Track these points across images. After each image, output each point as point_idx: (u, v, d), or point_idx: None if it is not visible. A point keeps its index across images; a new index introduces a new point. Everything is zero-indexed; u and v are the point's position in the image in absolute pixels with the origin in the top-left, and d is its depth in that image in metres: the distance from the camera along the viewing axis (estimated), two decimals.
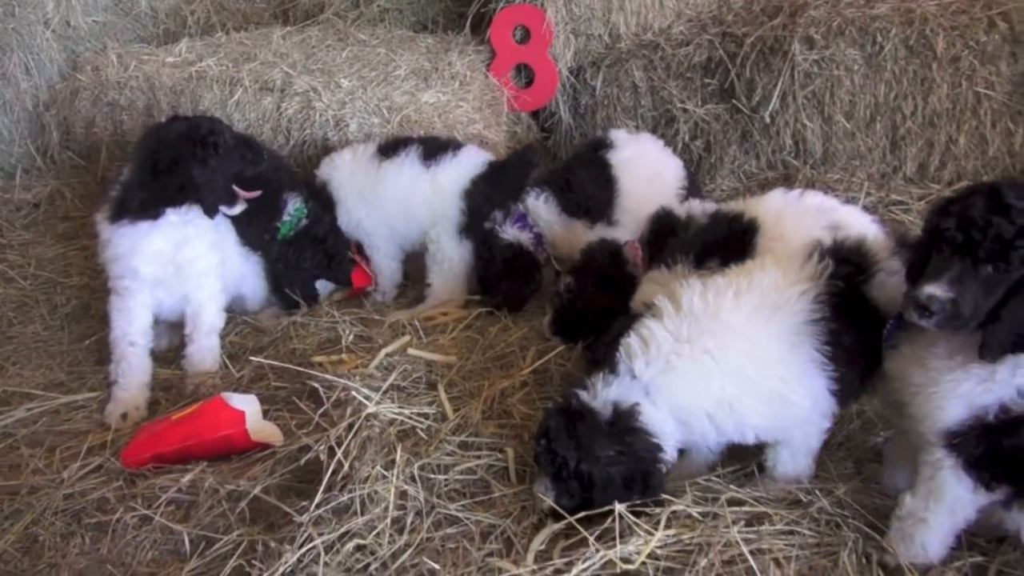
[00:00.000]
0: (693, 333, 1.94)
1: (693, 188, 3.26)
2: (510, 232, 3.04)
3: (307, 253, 3.13)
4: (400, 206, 3.12)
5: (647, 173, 3.13)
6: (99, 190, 4.05)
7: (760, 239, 2.28)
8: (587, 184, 3.08)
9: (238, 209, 2.90)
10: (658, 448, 1.94)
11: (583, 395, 1.98)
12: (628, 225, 3.02)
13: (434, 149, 3.10)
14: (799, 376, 1.93)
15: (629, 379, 1.96)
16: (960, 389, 1.71)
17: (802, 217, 2.30)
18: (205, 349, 2.88)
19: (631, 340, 1.99)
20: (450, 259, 3.10)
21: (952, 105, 3.65)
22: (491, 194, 3.06)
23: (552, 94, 4.08)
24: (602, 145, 3.20)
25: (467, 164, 3.08)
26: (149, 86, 3.84)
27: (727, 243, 2.33)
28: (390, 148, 3.16)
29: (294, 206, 3.14)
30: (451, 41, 4.13)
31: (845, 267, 1.97)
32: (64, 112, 4.06)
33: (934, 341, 1.77)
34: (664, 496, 2.00)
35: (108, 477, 2.37)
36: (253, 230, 3.06)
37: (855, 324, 1.94)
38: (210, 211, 2.79)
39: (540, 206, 3.06)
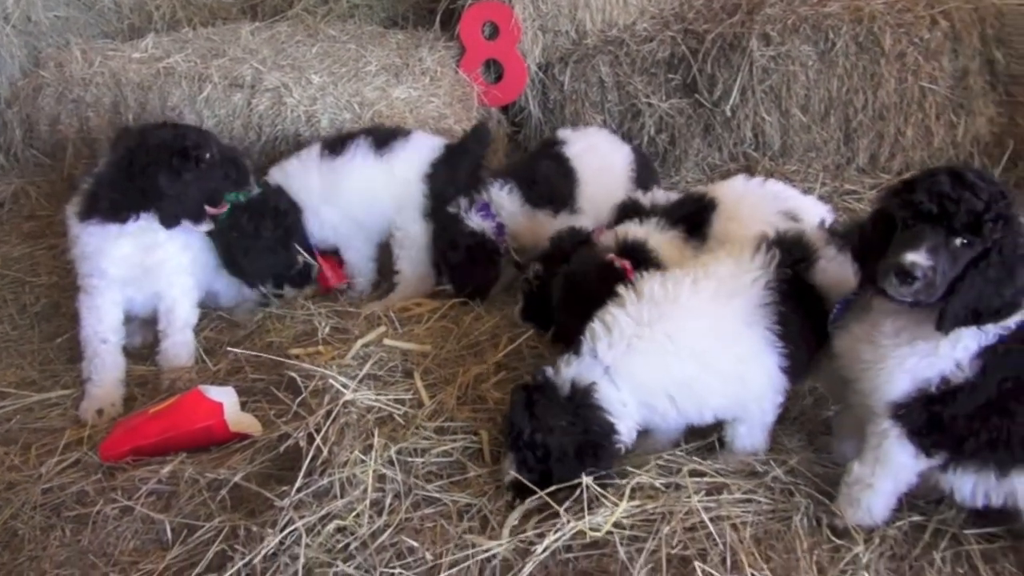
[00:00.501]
0: (654, 317, 2.05)
1: (644, 170, 3.40)
2: (474, 220, 3.09)
3: (266, 223, 3.03)
4: (363, 199, 3.15)
5: (600, 162, 3.26)
6: (65, 188, 4.03)
7: (716, 217, 2.41)
8: (550, 176, 3.17)
9: (204, 227, 2.87)
10: (611, 427, 2.05)
11: (548, 371, 2.11)
12: (588, 212, 3.16)
13: (384, 138, 3.14)
14: (753, 355, 2.06)
15: (591, 359, 2.07)
16: (907, 364, 1.83)
17: (759, 202, 2.43)
18: (180, 344, 2.90)
19: (595, 324, 2.10)
20: (418, 245, 3.16)
21: (900, 99, 3.83)
22: (452, 175, 3.13)
23: (521, 89, 4.17)
24: (555, 143, 3.31)
25: (424, 149, 3.14)
26: (115, 82, 3.82)
27: (688, 219, 2.48)
28: (337, 145, 3.17)
29: None
30: (421, 37, 4.18)
31: (790, 256, 2.12)
32: (27, 109, 4.01)
33: (881, 320, 1.89)
34: (629, 469, 2.12)
35: (86, 471, 2.39)
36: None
37: (801, 307, 2.09)
38: (167, 222, 2.75)
39: (504, 197, 3.12)
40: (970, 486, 1.94)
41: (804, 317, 2.09)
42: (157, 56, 3.90)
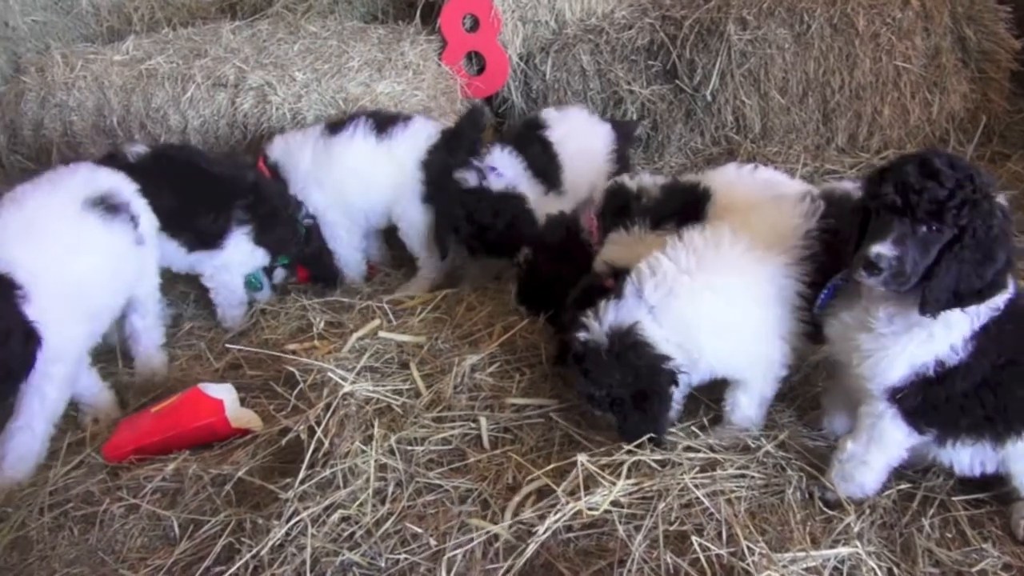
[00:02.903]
0: (696, 265, 2.15)
1: (624, 142, 3.49)
2: (498, 182, 3.06)
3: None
4: (358, 183, 3.19)
5: (581, 146, 3.32)
6: None
7: (711, 207, 2.47)
8: (538, 159, 3.23)
9: None
10: (661, 358, 2.15)
11: (581, 335, 2.21)
12: (571, 194, 3.24)
13: (384, 122, 3.18)
14: (779, 316, 2.19)
15: (634, 300, 2.18)
16: (907, 351, 1.90)
17: (751, 189, 2.48)
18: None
19: (642, 266, 2.22)
20: (423, 227, 3.20)
21: (875, 78, 3.90)
22: (449, 160, 3.16)
23: (504, 80, 4.20)
24: (537, 125, 3.34)
25: (422, 134, 3.17)
26: (98, 85, 3.79)
27: (682, 209, 2.52)
28: (338, 126, 3.21)
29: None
30: (402, 31, 4.18)
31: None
32: (10, 115, 3.97)
33: (872, 307, 1.94)
34: (623, 447, 2.18)
35: (91, 471, 2.43)
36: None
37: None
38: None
39: (506, 158, 3.15)
40: (967, 459, 2.02)
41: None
42: (139, 58, 3.88)
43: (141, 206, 2.84)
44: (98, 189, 2.69)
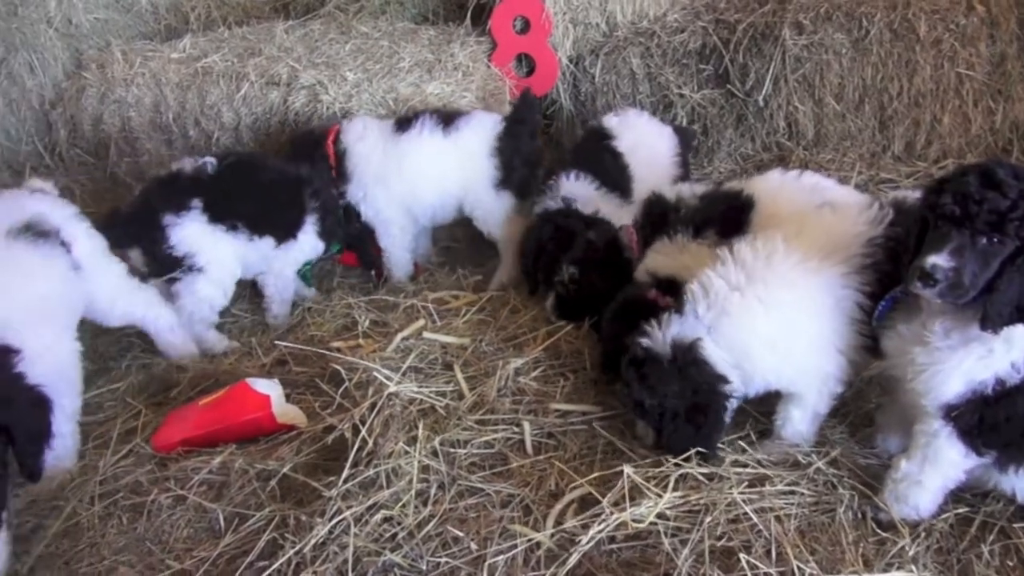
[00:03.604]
0: (745, 280, 2.11)
1: (686, 148, 3.47)
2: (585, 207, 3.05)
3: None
4: (430, 179, 3.24)
5: (649, 152, 3.31)
6: (108, 186, 4.14)
7: (755, 215, 2.41)
8: (611, 169, 3.22)
9: None
10: (720, 378, 2.11)
11: (643, 342, 2.18)
12: (638, 201, 3.14)
13: (449, 116, 3.23)
14: (835, 329, 2.12)
15: (693, 319, 2.14)
16: (962, 366, 1.83)
17: (797, 195, 2.42)
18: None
19: (694, 286, 2.18)
20: (498, 216, 3.27)
21: (936, 86, 3.78)
22: (517, 145, 3.22)
23: (553, 82, 4.19)
24: (603, 135, 3.32)
25: (487, 123, 3.23)
26: (156, 82, 3.90)
27: (724, 217, 2.47)
28: (405, 123, 3.25)
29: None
30: (453, 32, 4.20)
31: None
32: (71, 110, 4.12)
33: (930, 321, 1.87)
34: (670, 460, 2.14)
35: (140, 461, 2.47)
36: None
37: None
38: None
39: (575, 185, 3.15)
40: None
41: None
42: (195, 56, 3.98)
43: (78, 231, 2.73)
44: (23, 217, 2.57)
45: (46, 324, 2.45)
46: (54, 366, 2.39)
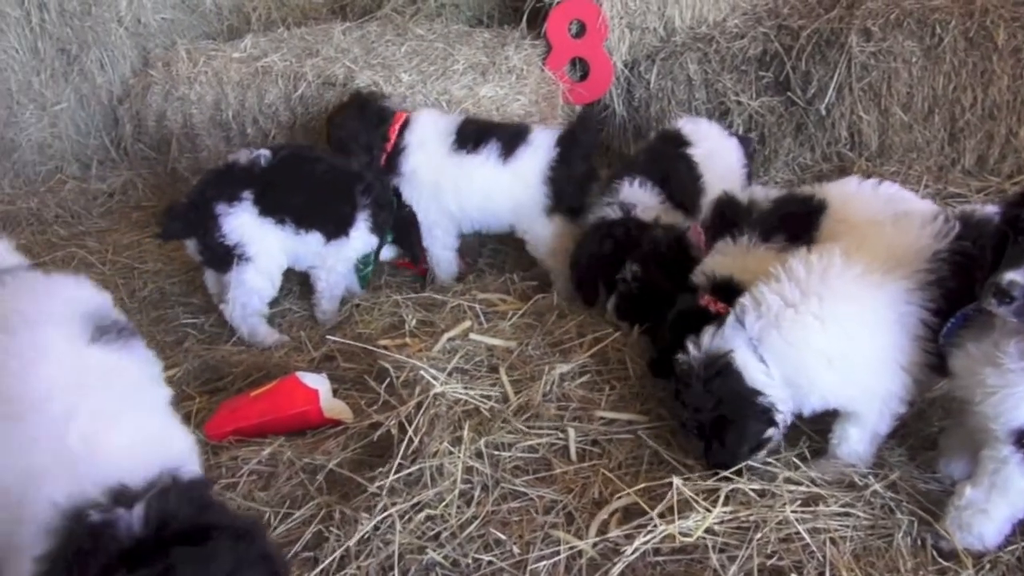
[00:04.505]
0: (800, 297, 2.04)
1: (750, 160, 3.37)
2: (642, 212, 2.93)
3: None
4: (482, 200, 3.21)
5: (723, 164, 3.19)
6: (169, 180, 4.28)
7: (825, 220, 2.33)
8: (685, 181, 3.10)
9: None
10: (751, 391, 2.05)
11: (682, 358, 2.15)
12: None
13: (510, 141, 3.16)
14: (896, 346, 2.04)
15: (733, 329, 2.09)
16: None
17: (870, 204, 2.33)
18: None
19: (745, 300, 2.14)
20: (548, 240, 3.21)
21: (1013, 97, 3.61)
22: (570, 171, 3.14)
23: (607, 87, 4.15)
24: (680, 141, 3.22)
25: (542, 149, 3.14)
26: (217, 81, 4.01)
27: (793, 220, 2.40)
28: (468, 140, 3.19)
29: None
30: (507, 36, 4.20)
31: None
32: (137, 106, 4.26)
33: (1004, 341, 1.78)
34: (722, 474, 2.09)
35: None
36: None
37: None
38: None
39: (638, 192, 3.02)
40: None
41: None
42: (255, 55, 4.07)
43: None
44: None
45: None
46: None
